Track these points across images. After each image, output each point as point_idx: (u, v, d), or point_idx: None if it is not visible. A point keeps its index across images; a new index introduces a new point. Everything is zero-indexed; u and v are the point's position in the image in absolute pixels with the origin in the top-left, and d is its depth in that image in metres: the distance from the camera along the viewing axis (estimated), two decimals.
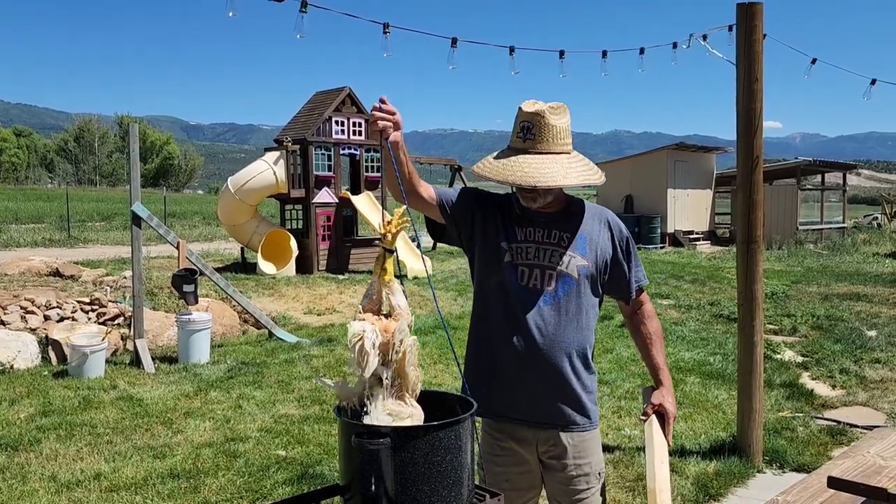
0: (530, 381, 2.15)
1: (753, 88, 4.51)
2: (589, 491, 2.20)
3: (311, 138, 13.60)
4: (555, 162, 2.04)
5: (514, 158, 2.06)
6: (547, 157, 2.04)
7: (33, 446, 4.91)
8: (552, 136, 2.05)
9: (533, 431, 2.20)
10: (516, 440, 2.21)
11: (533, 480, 2.25)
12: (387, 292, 1.76)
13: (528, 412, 2.18)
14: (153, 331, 8.09)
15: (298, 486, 4.20)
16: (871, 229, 26.13)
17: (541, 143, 2.05)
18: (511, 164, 2.05)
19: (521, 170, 2.03)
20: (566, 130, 2.08)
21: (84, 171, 79.10)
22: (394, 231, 1.79)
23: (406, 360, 1.69)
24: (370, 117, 1.98)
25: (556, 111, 2.07)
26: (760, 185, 4.61)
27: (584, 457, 2.19)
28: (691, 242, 21.49)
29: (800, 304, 10.44)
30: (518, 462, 2.23)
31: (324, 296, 11.09)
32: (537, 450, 2.21)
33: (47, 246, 19.17)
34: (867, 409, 5.77)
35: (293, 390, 6.33)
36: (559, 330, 2.14)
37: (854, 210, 37.94)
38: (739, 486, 4.28)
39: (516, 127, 2.10)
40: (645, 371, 6.79)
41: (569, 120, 2.10)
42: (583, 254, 2.17)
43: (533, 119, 2.05)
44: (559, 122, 2.06)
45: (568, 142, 2.09)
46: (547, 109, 2.05)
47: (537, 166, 2.02)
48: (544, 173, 2.01)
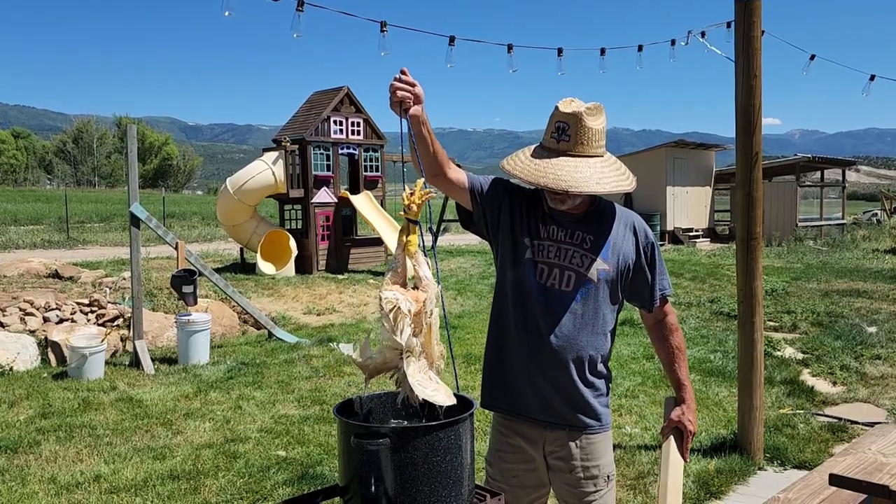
0: (541, 380, 2.13)
1: (752, 85, 4.50)
2: (597, 493, 2.17)
3: (309, 138, 13.59)
4: (588, 166, 1.99)
5: (547, 160, 2.00)
6: (581, 161, 1.99)
7: (33, 448, 4.90)
8: (588, 139, 1.99)
9: (541, 431, 2.18)
10: (524, 438, 2.20)
11: (541, 479, 2.23)
12: (413, 263, 1.75)
13: (537, 411, 2.16)
14: (152, 332, 8.08)
15: (299, 487, 4.19)
16: (870, 225, 26.12)
17: (577, 145, 1.99)
18: (544, 165, 2.00)
19: (554, 172, 1.97)
20: (601, 132, 2.03)
21: (83, 173, 79.07)
22: (417, 202, 1.77)
23: (432, 333, 1.68)
24: (389, 88, 1.90)
25: (594, 112, 2.01)
26: (760, 181, 4.60)
27: (592, 459, 2.17)
28: (690, 240, 21.49)
29: (800, 300, 10.43)
30: (526, 460, 2.21)
31: (323, 295, 11.08)
32: (544, 449, 2.19)
33: (46, 247, 19.16)
34: (868, 406, 5.76)
35: (293, 390, 6.32)
36: (574, 332, 2.10)
37: (853, 206, 37.95)
38: (741, 484, 4.27)
39: (551, 126, 2.04)
40: (647, 370, 6.83)
41: (604, 121, 2.04)
42: (605, 258, 2.12)
43: (570, 120, 1.99)
44: (595, 124, 2.00)
45: (602, 144, 2.04)
46: (584, 111, 1.99)
47: (570, 170, 1.97)
48: (577, 178, 1.96)
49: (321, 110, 13.95)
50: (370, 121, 14.67)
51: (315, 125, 13.72)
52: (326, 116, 13.89)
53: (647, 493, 4.07)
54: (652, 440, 4.92)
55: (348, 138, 14.29)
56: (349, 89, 14.26)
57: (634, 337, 8.30)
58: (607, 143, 2.11)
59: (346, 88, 14.25)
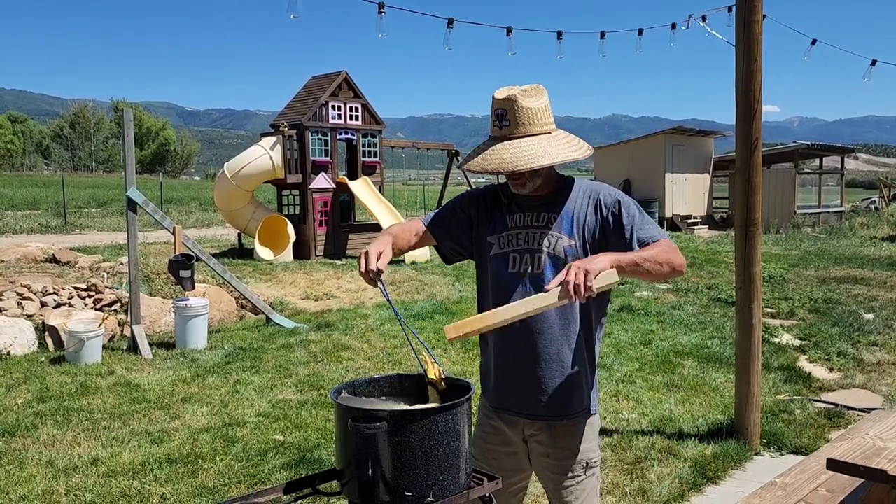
0: (518, 371, 2.15)
1: (753, 70, 4.47)
2: (574, 479, 2.17)
3: (307, 123, 13.54)
4: (533, 143, 2.01)
5: (493, 147, 2.05)
6: (525, 140, 2.01)
7: (30, 432, 4.90)
8: (528, 119, 2.02)
9: (520, 418, 2.20)
10: (505, 421, 2.23)
11: (521, 463, 2.25)
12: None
13: (516, 404, 2.17)
14: (150, 317, 8.07)
15: (296, 471, 4.20)
16: (868, 213, 26.15)
17: (517, 127, 2.02)
18: (491, 153, 2.03)
19: (500, 156, 2.01)
20: (544, 111, 2.05)
21: (80, 158, 78.85)
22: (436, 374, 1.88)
23: None
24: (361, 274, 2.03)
25: (530, 93, 2.04)
26: (759, 167, 4.58)
27: (570, 446, 2.17)
28: (689, 227, 21.48)
29: (797, 287, 10.44)
30: (506, 442, 2.24)
31: (321, 281, 11.07)
32: (523, 432, 2.22)
33: (43, 232, 19.12)
34: (864, 392, 5.77)
35: (291, 375, 6.32)
36: (546, 315, 2.08)
37: (851, 194, 37.94)
38: (737, 469, 4.28)
39: (492, 116, 2.08)
40: (644, 356, 6.83)
41: (546, 100, 2.05)
42: (568, 234, 2.11)
43: (506, 105, 2.02)
44: (534, 103, 2.02)
45: (548, 121, 2.06)
46: (519, 93, 2.02)
47: (515, 151, 2.00)
48: (522, 157, 1.99)
49: (319, 95, 13.89)
50: (368, 106, 14.61)
51: (313, 110, 13.66)
52: (324, 101, 13.83)
53: (644, 477, 4.08)
54: (649, 425, 4.93)
55: (346, 123, 14.23)
56: (347, 74, 14.19)
57: (632, 323, 8.31)
58: (607, 130, 2.12)
59: (344, 73, 14.18)
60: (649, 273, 1.98)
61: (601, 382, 5.94)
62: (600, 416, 2.35)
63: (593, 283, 1.81)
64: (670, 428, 4.87)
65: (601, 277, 1.84)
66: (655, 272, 1.99)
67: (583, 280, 1.80)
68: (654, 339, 7.51)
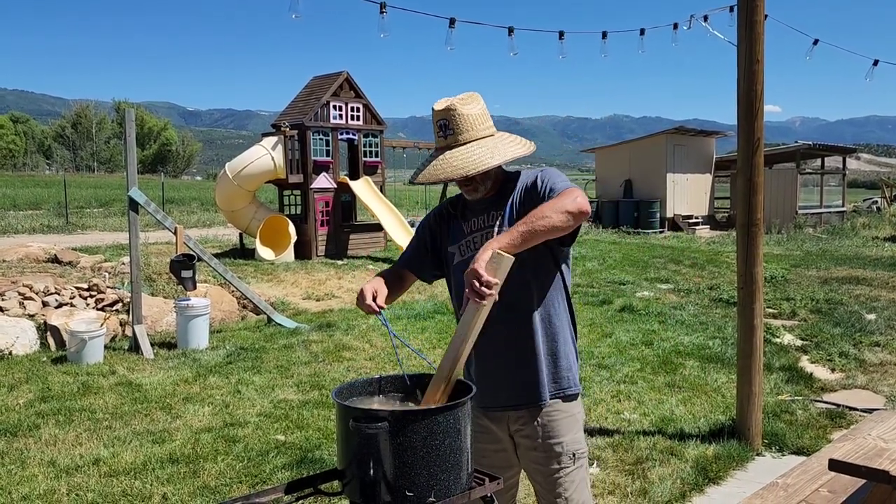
0: (493, 367, 2.21)
1: (754, 70, 4.47)
2: (562, 471, 2.20)
3: (308, 123, 13.53)
4: (479, 147, 2.08)
5: (441, 157, 2.10)
6: (471, 145, 2.08)
7: (32, 432, 4.90)
8: (470, 125, 2.08)
9: (503, 412, 2.25)
10: (490, 418, 2.27)
11: (509, 459, 2.29)
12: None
13: (498, 399, 2.22)
14: (152, 316, 8.07)
15: (297, 471, 4.20)
16: (870, 213, 26.10)
17: (461, 134, 2.08)
18: (441, 162, 2.09)
19: (451, 164, 2.06)
20: (483, 115, 2.11)
21: (82, 158, 78.88)
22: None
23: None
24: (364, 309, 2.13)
25: (467, 101, 2.11)
26: (761, 167, 4.58)
27: (555, 437, 2.20)
28: (690, 227, 21.46)
29: (799, 287, 10.43)
30: (493, 440, 2.28)
31: (322, 281, 11.07)
32: (509, 428, 2.26)
33: (45, 232, 19.13)
34: (866, 393, 5.77)
35: (292, 375, 6.32)
36: (509, 309, 2.14)
37: (853, 194, 37.87)
38: (739, 469, 4.28)
39: (434, 128, 2.14)
40: (645, 356, 6.83)
41: (482, 106, 2.13)
42: (511, 225, 2.13)
43: (446, 115, 2.09)
44: (472, 110, 2.10)
45: (489, 125, 2.13)
46: (457, 102, 2.10)
47: (465, 156, 2.06)
48: (473, 160, 2.05)
49: (321, 95, 13.88)
50: (370, 106, 14.61)
51: (314, 110, 13.66)
52: (326, 102, 13.82)
53: (646, 478, 4.08)
54: (651, 425, 4.93)
55: (348, 124, 14.23)
56: (349, 74, 14.18)
57: (633, 323, 8.31)
58: (608, 130, 2.14)
59: (345, 73, 14.17)
60: (547, 229, 1.93)
61: (603, 383, 5.93)
62: (601, 415, 2.36)
63: (485, 276, 1.81)
64: (672, 428, 4.87)
65: (490, 266, 1.83)
66: (551, 225, 1.93)
67: (473, 280, 1.81)
68: (655, 339, 7.50)
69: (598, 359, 6.71)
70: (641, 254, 14.78)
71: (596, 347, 7.17)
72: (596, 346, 7.26)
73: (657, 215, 21.01)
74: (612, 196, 22.14)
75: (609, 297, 9.96)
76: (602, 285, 11.11)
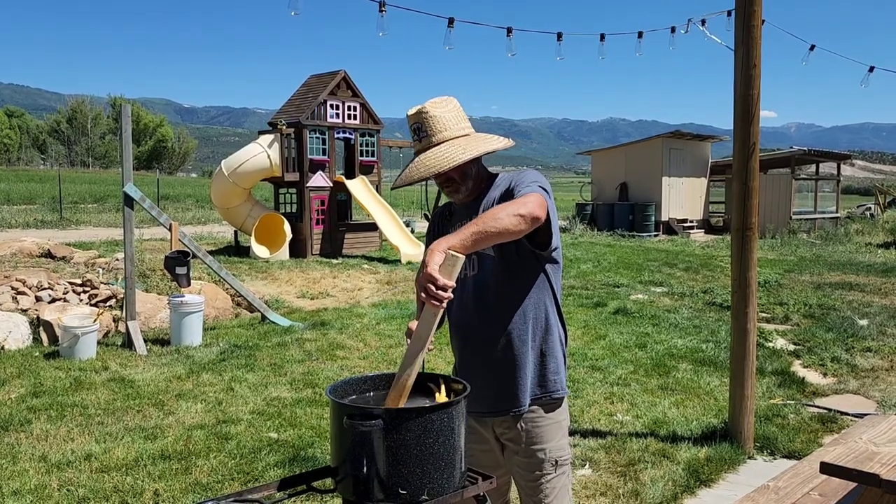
0: (477, 372, 2.19)
1: (751, 74, 4.49)
2: (544, 478, 2.21)
3: (305, 121, 13.52)
4: (452, 146, 2.11)
5: (418, 158, 2.14)
6: (444, 144, 2.12)
7: (24, 427, 4.89)
8: (443, 126, 2.12)
9: (489, 417, 2.26)
10: (476, 421, 2.27)
11: (497, 459, 2.31)
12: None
13: (480, 405, 2.19)
14: (145, 313, 8.05)
15: (290, 469, 4.19)
16: (864, 219, 26.17)
17: (434, 135, 2.12)
18: (416, 164, 2.13)
19: (424, 165, 2.10)
20: (457, 116, 2.15)
21: (76, 153, 78.61)
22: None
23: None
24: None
25: (439, 104, 2.15)
26: (757, 171, 4.59)
27: (538, 443, 2.21)
28: (685, 231, 21.51)
29: (792, 292, 10.46)
30: (479, 440, 2.29)
31: (317, 280, 11.06)
32: (494, 430, 2.28)
33: (39, 227, 19.06)
34: (858, 397, 5.79)
35: (286, 373, 6.32)
36: (491, 312, 2.16)
37: (848, 200, 38.03)
38: (731, 472, 4.29)
39: (410, 132, 2.18)
40: (638, 358, 6.84)
41: (456, 107, 2.16)
42: None
43: (418, 119, 2.13)
44: (443, 111, 2.13)
45: (463, 126, 2.15)
46: (428, 105, 2.14)
47: (438, 155, 2.10)
48: (445, 158, 2.09)
49: (318, 94, 13.88)
50: (367, 105, 14.60)
51: (311, 109, 13.65)
52: (323, 100, 13.81)
53: (638, 479, 4.09)
54: (643, 428, 4.94)
55: (344, 122, 14.22)
56: (346, 73, 14.17)
57: (627, 326, 8.32)
58: (604, 133, 2.15)
59: (343, 72, 14.16)
60: (498, 231, 1.88)
61: (596, 384, 5.94)
62: (593, 417, 2.37)
63: (441, 280, 1.75)
64: (664, 430, 4.88)
65: (444, 268, 1.79)
66: (502, 227, 1.88)
67: (429, 285, 1.76)
68: (649, 341, 7.52)
69: (591, 361, 6.72)
70: (636, 257, 14.81)
71: (589, 349, 7.18)
72: (589, 347, 7.27)
73: (652, 218, 21.05)
74: (607, 199, 22.18)
75: (603, 299, 9.97)
76: (596, 287, 11.13)
